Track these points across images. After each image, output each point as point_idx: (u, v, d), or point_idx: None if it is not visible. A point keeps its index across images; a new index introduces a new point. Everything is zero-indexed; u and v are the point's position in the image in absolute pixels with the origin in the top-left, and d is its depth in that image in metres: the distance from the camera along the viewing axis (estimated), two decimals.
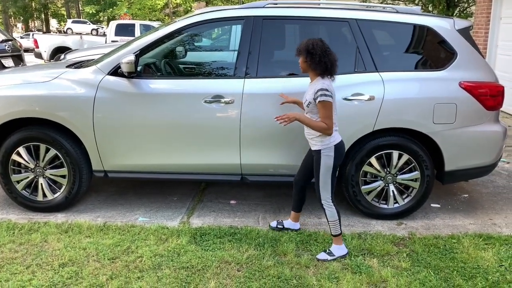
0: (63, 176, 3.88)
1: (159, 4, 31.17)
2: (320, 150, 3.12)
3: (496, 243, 3.45)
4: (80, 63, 4.38)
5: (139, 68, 3.78)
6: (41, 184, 3.90)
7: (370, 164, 3.75)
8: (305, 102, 3.13)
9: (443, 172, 3.79)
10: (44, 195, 3.92)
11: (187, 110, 3.67)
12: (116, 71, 3.71)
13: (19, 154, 3.83)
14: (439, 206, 4.22)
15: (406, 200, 3.85)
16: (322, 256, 3.21)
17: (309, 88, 3.14)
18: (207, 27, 4.13)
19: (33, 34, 22.20)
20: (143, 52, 3.76)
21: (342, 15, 3.77)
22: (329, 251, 3.24)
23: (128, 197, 4.35)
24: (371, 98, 3.62)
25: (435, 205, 4.23)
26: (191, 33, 3.99)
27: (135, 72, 3.62)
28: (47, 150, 3.82)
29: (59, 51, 14.34)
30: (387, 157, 3.75)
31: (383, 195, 3.84)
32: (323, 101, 3.00)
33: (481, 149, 3.79)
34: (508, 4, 8.04)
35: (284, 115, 3.08)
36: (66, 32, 32.56)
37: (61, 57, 8.37)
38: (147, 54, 3.83)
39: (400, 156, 3.72)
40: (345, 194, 3.83)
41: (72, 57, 7.57)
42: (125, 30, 16.48)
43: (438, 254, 3.30)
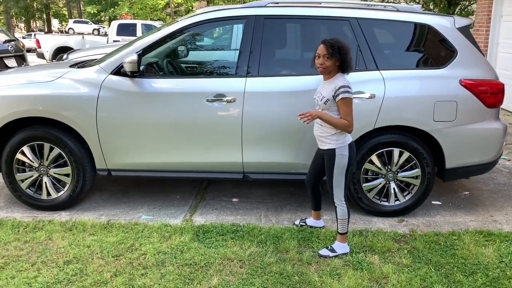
0: (67, 175, 3.92)
1: (161, 4, 31.20)
2: (335, 149, 3.10)
3: (497, 240, 3.47)
4: (83, 63, 4.42)
5: (142, 68, 3.81)
6: (45, 183, 3.94)
7: (371, 162, 3.78)
8: (322, 99, 3.08)
9: (444, 170, 3.82)
10: (48, 194, 3.96)
11: (189, 109, 3.71)
12: (119, 71, 3.74)
13: (24, 153, 3.87)
14: (440, 203, 4.24)
15: (407, 198, 3.88)
16: (324, 252, 3.24)
17: (326, 85, 3.09)
18: (209, 27, 4.17)
19: (35, 34, 22.29)
20: (146, 52, 3.80)
21: (343, 14, 3.79)
22: (331, 248, 3.27)
23: (131, 196, 4.39)
24: (372, 96, 3.64)
25: (436, 202, 4.26)
26: (193, 33, 4.03)
27: (138, 72, 3.65)
28: (51, 149, 3.86)
29: (61, 51, 14.38)
30: (388, 155, 3.77)
31: (384, 193, 3.87)
32: (345, 98, 2.99)
33: (482, 147, 3.81)
34: (509, 2, 8.05)
35: (307, 113, 3.02)
36: (68, 32, 32.63)
37: (64, 57, 8.41)
38: (150, 54, 3.86)
39: (401, 154, 3.75)
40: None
41: (75, 57, 7.61)
42: (127, 30, 16.52)
43: (439, 251, 3.32)
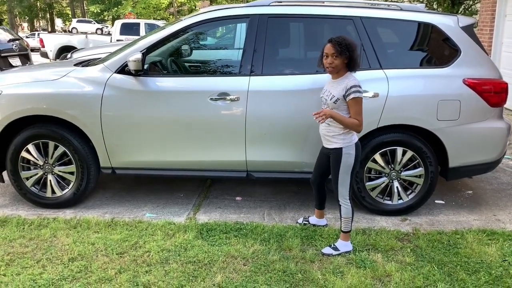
0: (72, 173, 3.94)
1: (164, 3, 31.24)
2: (342, 148, 3.10)
3: (500, 239, 3.48)
4: (87, 62, 4.44)
5: (146, 66, 3.83)
6: (50, 181, 3.97)
7: (375, 161, 3.78)
8: (332, 98, 3.06)
9: (447, 169, 3.82)
10: (53, 192, 3.99)
11: (193, 108, 3.72)
12: (123, 69, 3.76)
13: (28, 151, 3.89)
14: (443, 203, 4.25)
15: (410, 196, 3.88)
16: (327, 251, 3.25)
17: (335, 84, 3.09)
18: (213, 26, 4.19)
19: (39, 34, 22.35)
20: (150, 51, 3.81)
21: (347, 13, 3.80)
22: (334, 246, 3.28)
23: (135, 194, 4.41)
24: (376, 95, 3.65)
25: (439, 201, 4.26)
26: (197, 32, 4.04)
27: (142, 70, 3.67)
28: (56, 147, 3.88)
29: (65, 50, 14.44)
30: (392, 154, 3.78)
31: (388, 192, 3.88)
32: (356, 98, 2.99)
33: (485, 146, 3.81)
34: None
35: (321, 112, 3.00)
36: (71, 32, 32.72)
37: (68, 56, 8.45)
38: (154, 52, 3.88)
39: (404, 153, 3.76)
40: None
41: (79, 56, 7.64)
42: (130, 29, 16.55)
43: (442, 249, 3.33)
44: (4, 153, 3.95)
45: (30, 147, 3.89)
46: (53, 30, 44.29)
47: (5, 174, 4.07)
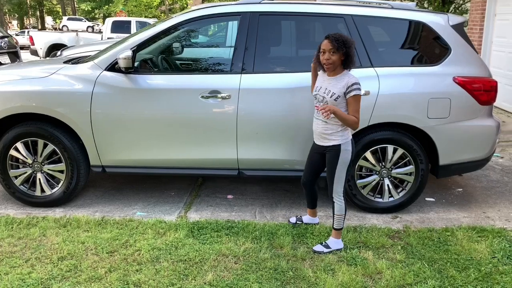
0: (61, 171, 3.91)
1: (155, 1, 31.09)
2: (340, 145, 3.11)
3: (489, 236, 3.50)
4: (78, 59, 4.40)
5: (136, 64, 3.80)
6: (39, 179, 3.93)
7: (366, 159, 3.79)
8: (333, 96, 3.04)
9: (438, 166, 3.84)
10: (42, 190, 3.95)
11: (184, 106, 3.70)
12: (114, 67, 3.73)
13: (17, 150, 3.85)
14: (434, 200, 4.27)
15: (401, 194, 3.90)
16: (319, 248, 3.26)
17: (333, 82, 3.07)
18: (204, 23, 4.16)
19: (28, 32, 22.14)
20: (140, 48, 3.79)
21: (338, 11, 3.80)
22: (326, 244, 3.28)
23: (126, 192, 4.38)
24: (366, 93, 3.65)
25: (430, 199, 4.29)
26: (188, 29, 4.02)
27: (132, 68, 3.64)
28: (45, 146, 3.84)
29: (55, 48, 14.32)
30: (382, 152, 3.79)
31: (378, 189, 3.89)
32: (356, 95, 3.00)
33: (475, 143, 3.84)
34: (503, 1, 8.10)
35: (326, 107, 2.96)
36: (62, 30, 32.44)
37: (58, 54, 8.37)
38: (144, 50, 3.86)
39: (395, 151, 3.77)
40: None
41: (69, 54, 7.58)
42: (121, 27, 16.42)
43: (432, 247, 3.35)
44: None
45: (19, 146, 3.84)
46: (43, 28, 43.87)
47: None
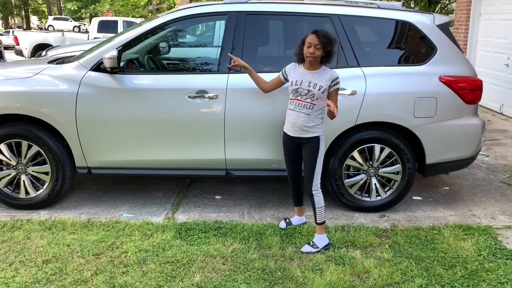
0: (46, 173, 3.85)
1: (142, 1, 30.87)
2: (319, 137, 3.21)
3: (475, 234, 3.53)
4: (62, 59, 4.34)
5: (122, 64, 3.76)
6: (24, 181, 3.86)
7: (353, 158, 3.80)
8: (320, 89, 3.11)
9: (424, 165, 3.86)
10: (27, 192, 3.89)
11: (171, 106, 3.67)
12: (99, 67, 3.69)
13: (1, 151, 3.78)
14: (421, 199, 4.30)
15: (388, 193, 3.92)
16: (307, 249, 3.25)
17: (316, 75, 3.14)
18: (190, 22, 4.14)
19: (13, 31, 21.83)
20: (126, 48, 3.75)
21: (325, 11, 3.80)
22: (313, 243, 3.28)
23: (112, 194, 4.33)
24: (353, 93, 3.66)
25: (417, 198, 4.31)
26: (175, 28, 3.99)
27: (118, 68, 3.60)
28: (29, 147, 3.78)
29: (40, 48, 14.14)
30: (369, 151, 3.80)
31: (366, 188, 3.90)
32: (338, 89, 3.19)
33: (461, 142, 3.87)
34: (488, 1, 8.20)
35: (330, 103, 3.00)
36: (48, 29, 32.06)
37: (43, 54, 8.26)
38: (130, 50, 3.82)
39: (382, 150, 3.78)
40: (329, 188, 3.87)
41: (54, 54, 7.48)
42: (108, 27, 16.28)
43: (420, 245, 3.37)
44: None
45: (2, 147, 3.77)
46: (29, 28, 43.30)
47: None
